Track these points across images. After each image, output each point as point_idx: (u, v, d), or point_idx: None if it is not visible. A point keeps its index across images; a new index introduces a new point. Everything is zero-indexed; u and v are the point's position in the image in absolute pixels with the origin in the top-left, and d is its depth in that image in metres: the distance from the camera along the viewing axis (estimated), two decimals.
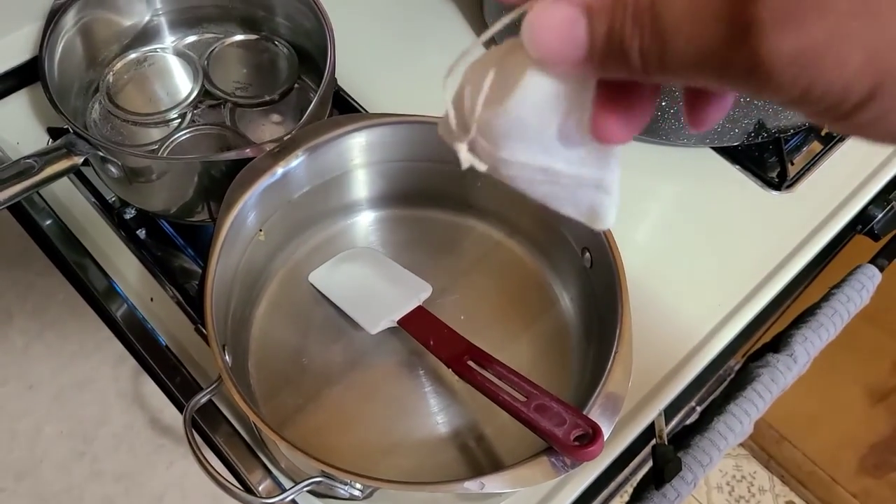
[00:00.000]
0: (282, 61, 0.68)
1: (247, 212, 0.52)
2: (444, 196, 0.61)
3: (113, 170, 0.57)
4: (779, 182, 0.70)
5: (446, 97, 0.27)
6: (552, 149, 0.25)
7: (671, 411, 0.58)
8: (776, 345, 0.65)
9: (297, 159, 0.54)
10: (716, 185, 0.70)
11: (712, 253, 0.66)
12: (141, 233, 0.63)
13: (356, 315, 0.56)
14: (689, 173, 0.70)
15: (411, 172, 0.59)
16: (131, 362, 0.55)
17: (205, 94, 0.66)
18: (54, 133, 0.65)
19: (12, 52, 0.66)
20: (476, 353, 0.49)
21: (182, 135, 0.64)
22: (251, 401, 0.47)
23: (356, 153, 0.57)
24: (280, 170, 0.53)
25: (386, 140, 0.56)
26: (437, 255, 0.61)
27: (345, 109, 0.69)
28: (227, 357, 0.47)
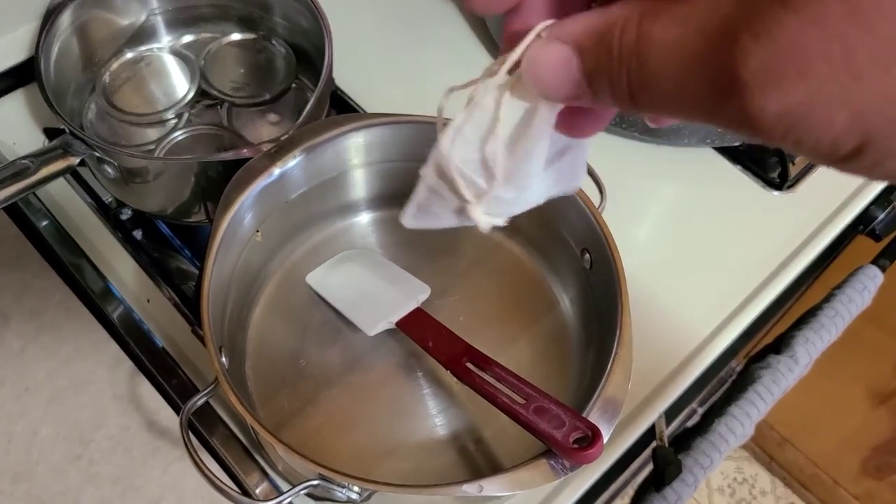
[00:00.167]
0: (279, 61, 0.68)
1: (244, 212, 0.52)
2: None
3: (109, 170, 0.57)
4: (780, 182, 0.70)
5: (441, 147, 0.28)
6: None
7: (672, 413, 0.58)
8: (777, 346, 0.65)
9: (294, 160, 0.53)
10: (717, 185, 0.70)
11: (713, 254, 0.65)
12: (137, 234, 0.63)
13: (354, 317, 0.56)
14: (690, 174, 0.70)
15: (410, 173, 0.58)
16: (128, 364, 0.55)
17: (202, 94, 0.66)
18: (50, 133, 0.65)
19: (8, 53, 0.66)
20: (475, 355, 0.49)
21: (179, 135, 0.63)
22: (248, 403, 0.46)
23: (354, 153, 0.57)
24: (277, 170, 0.53)
25: (384, 140, 0.56)
26: (435, 257, 0.60)
27: (342, 109, 0.69)
28: (223, 359, 0.47)
